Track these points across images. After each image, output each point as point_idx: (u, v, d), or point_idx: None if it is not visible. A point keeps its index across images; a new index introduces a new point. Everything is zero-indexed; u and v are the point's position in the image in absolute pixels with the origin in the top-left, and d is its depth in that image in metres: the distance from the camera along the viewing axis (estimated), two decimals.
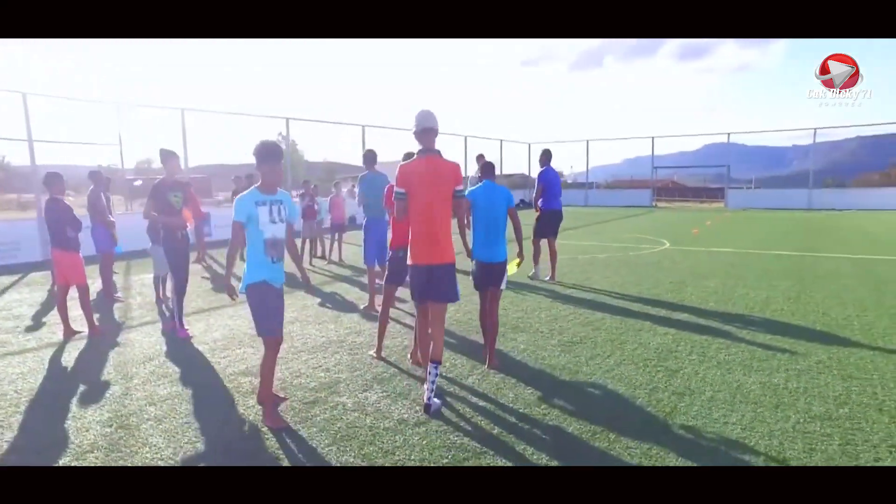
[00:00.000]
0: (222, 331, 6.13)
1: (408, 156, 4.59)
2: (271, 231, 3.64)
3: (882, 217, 19.45)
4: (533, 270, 8.77)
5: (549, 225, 8.54)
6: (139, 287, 8.92)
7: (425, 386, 3.91)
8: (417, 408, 3.96)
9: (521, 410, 3.92)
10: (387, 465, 3.21)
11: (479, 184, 4.97)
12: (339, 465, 3.23)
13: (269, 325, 3.71)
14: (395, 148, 24.60)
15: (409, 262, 4.09)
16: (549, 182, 8.56)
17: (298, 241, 9.73)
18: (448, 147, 22.90)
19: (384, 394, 4.25)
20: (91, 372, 4.91)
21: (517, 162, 32.83)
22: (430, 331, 4.10)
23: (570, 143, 33.61)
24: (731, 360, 4.86)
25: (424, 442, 3.45)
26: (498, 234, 4.79)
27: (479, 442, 3.46)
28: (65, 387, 4.58)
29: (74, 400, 4.27)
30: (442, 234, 3.94)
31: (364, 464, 3.23)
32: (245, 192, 3.67)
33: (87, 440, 3.58)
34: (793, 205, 24.49)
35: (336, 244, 11.04)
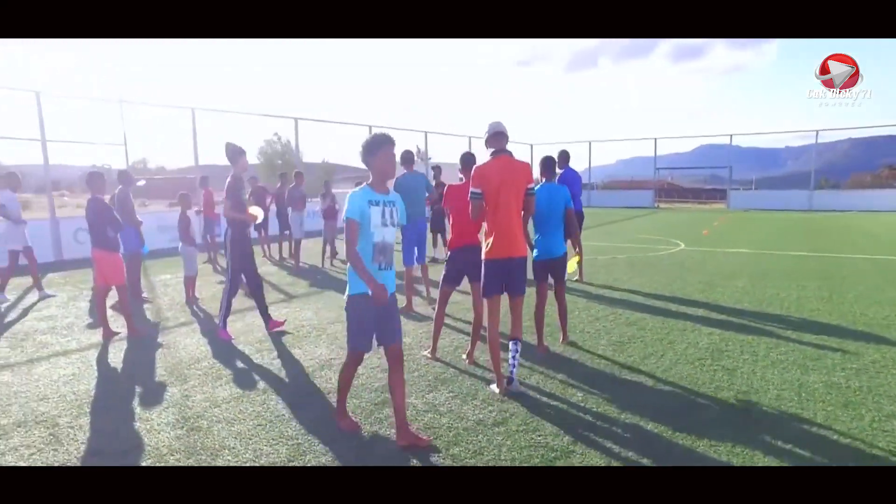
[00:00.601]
0: (263, 331, 6.07)
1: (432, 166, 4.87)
2: (381, 234, 3.32)
3: (882, 219, 19.65)
4: None
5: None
6: (162, 287, 8.84)
7: (509, 362, 4.19)
8: (490, 408, 3.94)
9: (594, 409, 3.92)
10: (479, 465, 3.19)
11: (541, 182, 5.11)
12: (428, 465, 3.21)
13: (361, 341, 3.46)
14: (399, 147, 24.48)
15: (485, 256, 4.18)
16: (570, 183, 8.57)
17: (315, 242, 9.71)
18: (451, 147, 22.87)
19: (451, 394, 4.23)
20: (143, 373, 4.86)
21: None
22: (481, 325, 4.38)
23: (572, 144, 33.63)
24: (784, 360, 4.88)
25: (510, 442, 3.44)
26: (558, 230, 5.05)
27: (564, 441, 3.45)
28: (121, 388, 4.53)
29: (135, 402, 4.23)
30: (518, 230, 4.16)
31: (454, 464, 3.21)
32: (357, 189, 3.36)
33: (163, 443, 3.54)
34: (793, 206, 24.72)
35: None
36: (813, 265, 9.89)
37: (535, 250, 5.17)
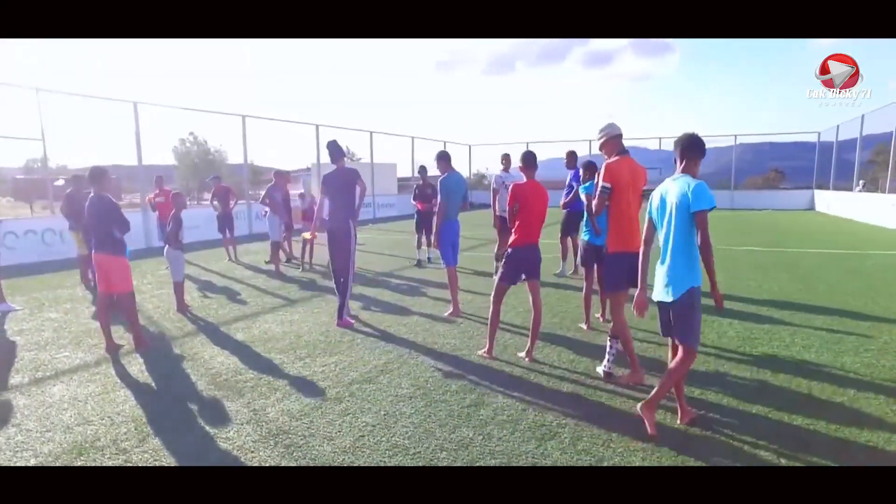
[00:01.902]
0: (288, 338, 5.71)
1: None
2: None
3: (798, 217, 21.74)
4: (560, 268, 9.00)
5: (573, 224, 8.76)
6: (138, 295, 8.03)
7: (609, 356, 4.46)
8: (607, 404, 3.95)
9: (725, 405, 3.97)
10: (646, 465, 3.19)
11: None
12: (572, 465, 3.16)
13: (698, 335, 3.48)
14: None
15: (610, 250, 4.28)
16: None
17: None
18: (397, 148, 22.64)
19: (546, 391, 4.19)
20: (186, 388, 4.41)
21: (458, 164, 33.15)
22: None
23: (501, 146, 34.37)
24: (812, 345, 5.26)
25: (677, 440, 3.46)
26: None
27: (731, 438, 3.52)
28: (173, 405, 4.08)
29: (201, 419, 3.84)
30: (638, 227, 4.19)
31: (622, 463, 3.18)
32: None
33: (268, 464, 3.23)
34: (717, 204, 26.65)
35: None
36: (773, 259, 10.73)
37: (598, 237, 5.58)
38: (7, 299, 7.37)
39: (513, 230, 4.94)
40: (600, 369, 4.53)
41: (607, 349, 4.47)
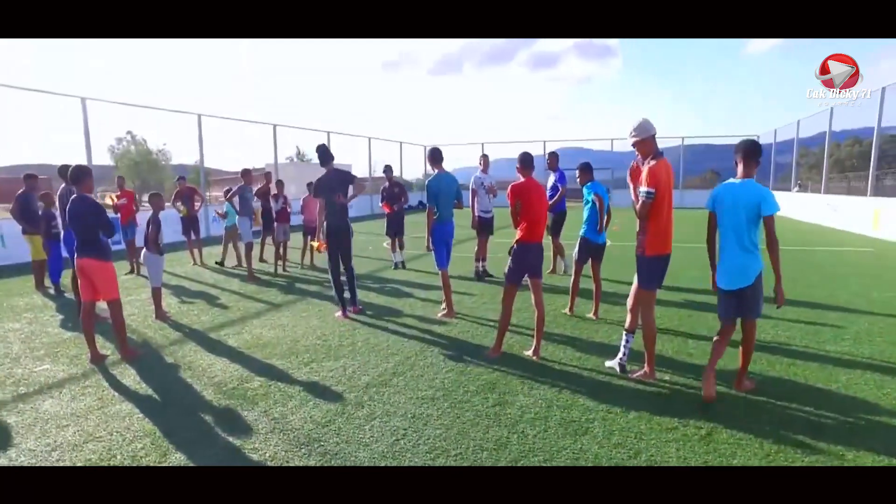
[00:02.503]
0: (286, 343, 5.53)
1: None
2: None
3: None
4: (553, 266, 9.22)
5: (560, 225, 8.94)
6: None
7: (623, 350, 4.55)
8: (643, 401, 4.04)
9: (734, 395, 4.17)
10: (681, 455, 3.28)
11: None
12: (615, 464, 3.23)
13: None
14: (290, 147, 23.34)
15: (651, 252, 4.28)
16: (565, 185, 8.97)
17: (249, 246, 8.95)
18: (353, 148, 22.36)
19: (577, 388, 4.25)
20: (191, 399, 4.19)
21: (415, 164, 33.05)
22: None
23: (456, 146, 34.58)
24: (795, 336, 5.58)
25: (750, 436, 3.57)
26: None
27: (753, 427, 3.66)
28: (182, 418, 3.86)
29: (220, 431, 3.65)
30: (672, 228, 4.36)
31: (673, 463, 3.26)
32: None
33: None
34: (703, 203, 27.68)
35: (308, 248, 10.34)
36: (689, 256, 11.24)
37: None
38: None
39: (517, 228, 4.99)
40: (612, 364, 4.64)
41: (623, 344, 4.57)
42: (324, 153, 6.59)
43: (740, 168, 3.98)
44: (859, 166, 28.57)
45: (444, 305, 6.58)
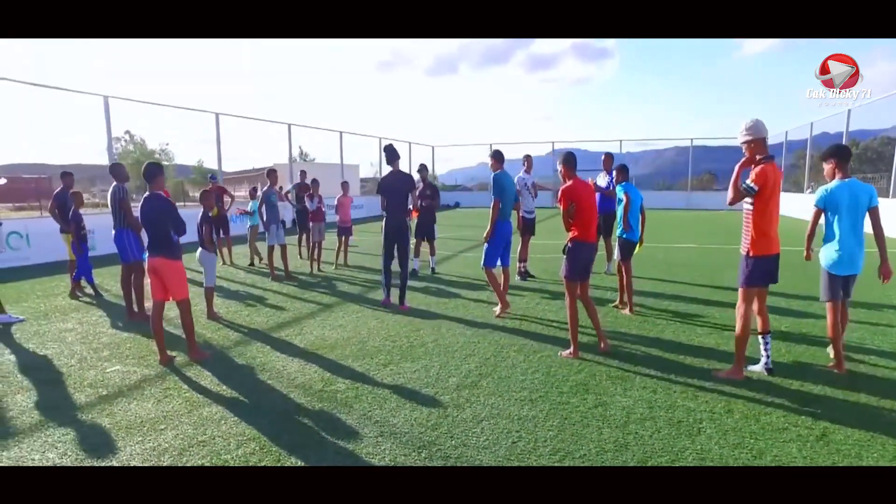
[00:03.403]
0: (349, 346, 5.45)
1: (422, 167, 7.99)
2: None
3: (734, 216, 23.05)
4: (606, 266, 9.19)
5: (612, 224, 8.92)
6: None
7: (765, 354, 4.53)
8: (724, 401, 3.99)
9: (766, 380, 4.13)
10: (805, 455, 3.22)
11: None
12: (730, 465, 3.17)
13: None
14: (316, 147, 23.23)
15: (759, 253, 4.27)
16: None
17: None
18: (361, 148, 22.25)
19: (661, 390, 4.19)
20: (282, 403, 4.09)
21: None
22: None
23: (463, 147, 34.56)
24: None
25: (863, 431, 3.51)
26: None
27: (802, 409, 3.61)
28: (284, 422, 3.76)
29: (329, 436, 3.55)
30: (777, 229, 4.39)
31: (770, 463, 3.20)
32: None
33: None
34: (674, 204, 27.90)
35: (342, 248, 10.24)
36: (717, 257, 11.11)
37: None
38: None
39: (571, 229, 5.00)
40: (756, 368, 4.53)
41: (763, 347, 4.52)
42: (391, 153, 6.77)
43: (836, 170, 4.52)
44: (856, 168, 28.80)
45: (498, 305, 6.54)
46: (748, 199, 4.22)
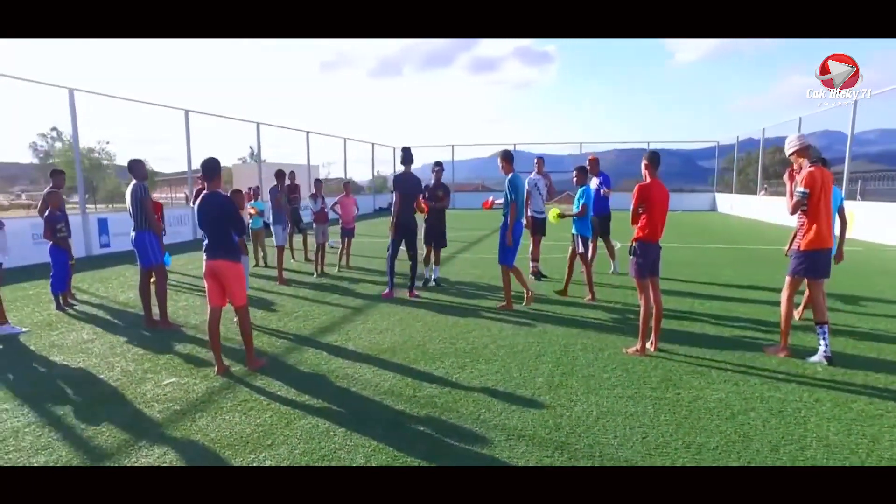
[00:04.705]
0: (406, 345, 5.32)
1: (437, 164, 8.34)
2: None
3: (700, 217, 24.33)
4: (612, 267, 9.40)
5: (608, 225, 9.17)
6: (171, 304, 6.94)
7: (823, 343, 4.79)
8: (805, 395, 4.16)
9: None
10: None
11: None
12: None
13: None
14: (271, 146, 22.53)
15: (813, 248, 4.73)
16: (607, 185, 9.19)
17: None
18: (295, 141, 21.77)
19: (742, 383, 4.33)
20: (380, 411, 3.92)
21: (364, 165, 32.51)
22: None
23: (427, 148, 34.55)
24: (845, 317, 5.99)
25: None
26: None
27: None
28: (396, 430, 3.61)
29: (458, 442, 3.44)
30: (830, 225, 4.84)
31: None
32: None
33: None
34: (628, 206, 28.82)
35: (346, 250, 9.95)
36: (713, 256, 11.68)
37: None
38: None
39: (638, 227, 5.10)
40: (817, 359, 4.79)
41: (821, 337, 4.79)
42: (407, 155, 7.35)
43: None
44: (781, 173, 30.95)
45: (525, 297, 6.92)
46: (800, 199, 4.71)
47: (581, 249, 7.31)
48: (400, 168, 7.57)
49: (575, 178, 7.45)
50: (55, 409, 3.95)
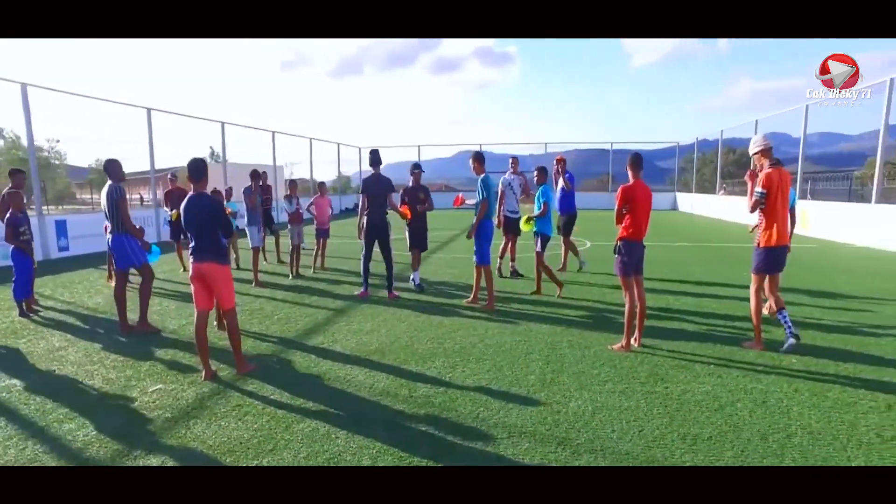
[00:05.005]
0: (393, 346, 5.31)
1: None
2: None
3: (665, 216, 25.07)
4: (564, 263, 9.48)
5: (572, 224, 9.37)
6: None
7: (787, 325, 5.11)
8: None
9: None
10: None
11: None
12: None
13: None
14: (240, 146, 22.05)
15: (771, 244, 5.07)
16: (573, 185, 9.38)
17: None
18: (258, 141, 21.50)
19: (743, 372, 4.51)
20: (389, 415, 3.91)
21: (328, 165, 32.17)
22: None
23: (394, 148, 34.42)
24: (811, 313, 6.33)
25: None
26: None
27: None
28: (418, 436, 3.60)
29: (474, 443, 3.46)
30: (787, 223, 5.21)
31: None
32: None
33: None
34: (598, 205, 29.30)
35: (321, 251, 9.83)
36: (681, 254, 12.08)
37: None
38: None
39: (623, 227, 5.23)
40: (788, 345, 5.09)
41: (783, 320, 5.15)
42: (375, 157, 7.42)
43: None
44: (734, 172, 32.22)
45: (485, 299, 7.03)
46: (758, 199, 5.02)
47: (539, 248, 7.47)
48: (367, 170, 7.66)
49: (536, 178, 7.66)
50: (36, 420, 3.78)
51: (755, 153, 5.15)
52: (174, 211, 9.43)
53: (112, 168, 5.72)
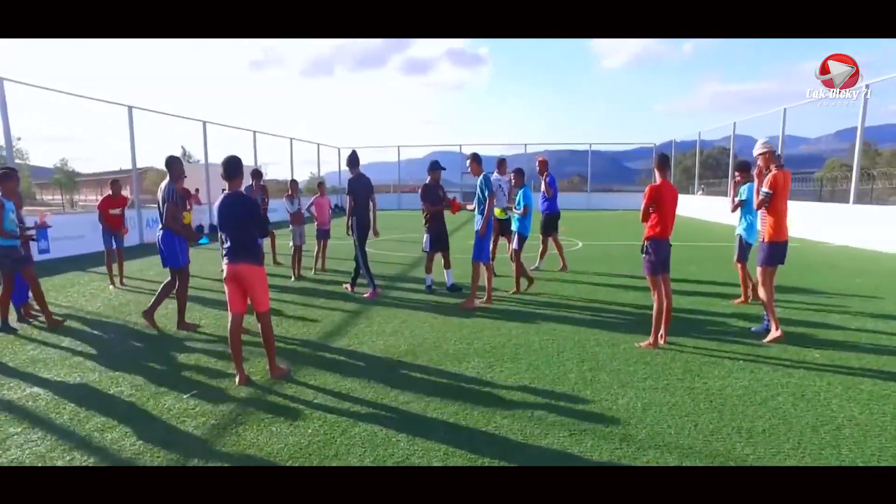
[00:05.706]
0: (421, 347, 5.27)
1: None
2: None
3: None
4: (536, 264, 9.65)
5: (556, 223, 9.56)
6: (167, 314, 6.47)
7: (765, 316, 5.57)
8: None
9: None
10: None
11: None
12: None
13: None
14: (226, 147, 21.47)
15: (775, 240, 5.45)
16: (552, 186, 9.53)
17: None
18: (240, 142, 21.15)
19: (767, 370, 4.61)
20: (441, 413, 3.86)
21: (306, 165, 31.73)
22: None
23: (370, 149, 34.19)
24: (806, 308, 6.56)
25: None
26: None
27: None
28: (465, 433, 3.56)
29: (550, 441, 3.44)
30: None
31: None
32: None
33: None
34: (576, 205, 29.73)
35: (321, 252, 9.67)
36: (673, 253, 12.50)
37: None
38: None
39: (649, 226, 5.31)
40: (759, 329, 5.69)
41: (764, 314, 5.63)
42: (355, 158, 7.65)
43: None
44: (700, 173, 33.01)
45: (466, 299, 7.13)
46: (764, 198, 5.37)
47: (516, 247, 7.70)
48: (346, 170, 7.88)
49: (513, 180, 7.92)
50: (75, 429, 3.61)
51: (759, 154, 5.57)
52: (186, 212, 9.13)
53: (172, 165, 5.67)
